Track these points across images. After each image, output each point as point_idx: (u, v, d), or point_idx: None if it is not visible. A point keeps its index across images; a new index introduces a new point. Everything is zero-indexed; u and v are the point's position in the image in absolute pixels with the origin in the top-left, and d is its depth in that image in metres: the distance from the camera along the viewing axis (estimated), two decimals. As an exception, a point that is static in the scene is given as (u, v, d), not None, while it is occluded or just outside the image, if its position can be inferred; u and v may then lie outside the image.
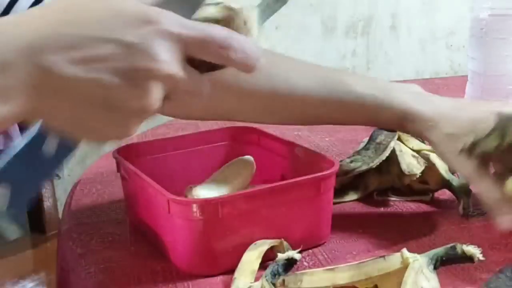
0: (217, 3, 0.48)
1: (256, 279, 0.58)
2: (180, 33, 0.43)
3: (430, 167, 0.77)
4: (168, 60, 0.42)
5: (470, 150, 0.63)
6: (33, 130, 0.46)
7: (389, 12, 2.49)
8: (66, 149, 0.46)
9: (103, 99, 0.42)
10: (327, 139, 1.03)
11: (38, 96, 0.42)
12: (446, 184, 0.78)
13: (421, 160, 0.77)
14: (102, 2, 0.43)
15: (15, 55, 0.41)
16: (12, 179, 0.45)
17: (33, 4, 0.75)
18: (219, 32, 0.45)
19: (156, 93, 0.43)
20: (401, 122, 0.69)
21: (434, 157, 0.78)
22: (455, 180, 0.76)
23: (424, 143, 0.82)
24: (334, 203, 0.72)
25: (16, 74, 0.41)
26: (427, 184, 0.79)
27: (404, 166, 0.76)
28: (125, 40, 0.42)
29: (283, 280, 0.56)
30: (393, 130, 0.81)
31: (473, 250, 0.53)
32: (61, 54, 0.41)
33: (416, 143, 0.81)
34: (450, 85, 1.38)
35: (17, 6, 0.74)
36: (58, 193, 2.28)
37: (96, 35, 0.42)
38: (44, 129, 0.46)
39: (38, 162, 0.46)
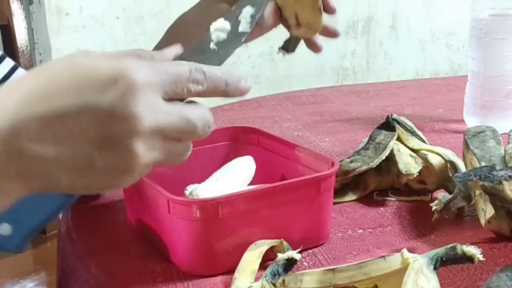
0: None
1: (256, 279, 0.58)
2: (150, 80, 0.43)
3: (427, 166, 0.78)
4: (145, 114, 0.42)
5: None
6: None
7: (389, 12, 2.49)
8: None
9: (90, 167, 0.42)
10: (327, 139, 1.03)
11: (27, 182, 0.42)
12: (443, 184, 0.78)
13: (419, 160, 0.78)
14: (69, 67, 0.42)
15: None
16: (14, 217, 0.45)
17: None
18: (184, 69, 0.45)
19: (141, 149, 0.43)
20: None
21: (431, 157, 0.78)
22: (451, 181, 0.76)
23: (425, 142, 0.82)
24: (334, 203, 0.72)
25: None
26: (425, 184, 0.79)
27: (401, 166, 0.76)
28: (98, 107, 0.41)
29: (283, 280, 0.56)
30: (393, 130, 0.81)
31: (473, 250, 0.53)
32: (38, 138, 0.41)
33: (416, 142, 0.81)
34: (450, 85, 1.38)
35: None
36: (58, 193, 2.28)
37: (68, 110, 0.41)
38: None
39: (39, 198, 0.45)
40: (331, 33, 0.71)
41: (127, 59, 0.43)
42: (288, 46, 0.71)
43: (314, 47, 0.72)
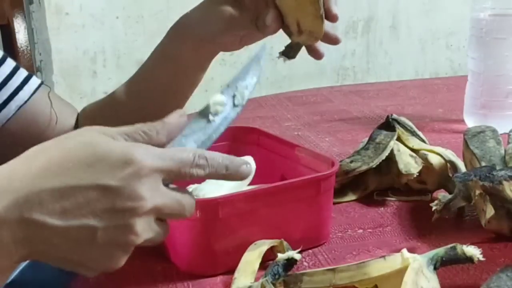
0: None
1: (256, 279, 0.58)
2: (157, 166, 0.46)
3: (427, 166, 0.78)
4: (149, 196, 0.46)
5: None
6: None
7: (389, 12, 2.49)
8: None
9: (91, 240, 0.45)
10: (327, 139, 1.03)
11: (29, 247, 0.45)
12: (443, 184, 0.78)
13: (419, 160, 0.78)
14: (85, 147, 0.46)
15: (5, 213, 0.43)
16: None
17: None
18: (188, 156, 0.48)
19: (140, 227, 0.46)
20: None
21: (431, 157, 0.78)
22: (451, 181, 0.76)
23: (425, 142, 0.82)
24: (334, 203, 0.72)
25: (7, 231, 0.43)
26: (425, 184, 0.79)
27: (401, 166, 0.76)
28: (107, 185, 0.45)
29: (283, 280, 0.56)
30: (393, 130, 0.81)
31: (473, 250, 0.53)
32: (48, 208, 0.44)
33: (416, 143, 0.81)
34: (450, 85, 1.38)
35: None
36: (58, 193, 2.28)
37: (79, 184, 0.44)
38: None
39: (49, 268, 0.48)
40: (332, 40, 0.71)
41: (137, 145, 0.47)
42: (289, 52, 0.71)
43: (315, 54, 0.72)
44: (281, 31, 0.69)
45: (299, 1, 0.65)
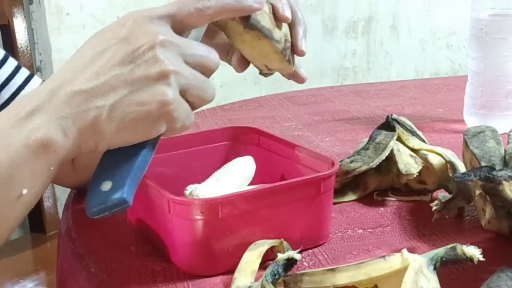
0: None
1: (256, 279, 0.58)
2: (156, 13, 0.51)
3: (427, 167, 0.78)
4: (156, 31, 0.50)
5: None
6: None
7: (389, 12, 2.49)
8: None
9: (127, 83, 0.50)
10: (327, 139, 1.03)
11: (80, 120, 0.50)
12: (443, 184, 0.78)
13: (419, 160, 0.78)
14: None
15: (50, 96, 0.50)
16: (111, 173, 0.52)
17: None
18: None
19: (163, 56, 0.50)
20: None
21: (431, 157, 0.78)
22: (451, 181, 0.76)
23: (425, 142, 0.82)
24: (334, 203, 0.72)
25: (55, 109, 0.50)
26: (425, 184, 0.79)
27: (401, 166, 0.76)
28: (118, 39, 0.50)
29: (283, 280, 0.56)
30: (393, 130, 0.81)
31: (473, 250, 0.53)
32: (82, 78, 0.50)
33: (416, 142, 0.81)
34: (450, 85, 1.38)
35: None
36: (58, 193, 2.28)
37: (95, 52, 0.51)
38: None
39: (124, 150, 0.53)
40: (299, 79, 0.71)
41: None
42: (265, 75, 0.71)
43: (296, 79, 0.72)
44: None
45: (262, 54, 0.65)
